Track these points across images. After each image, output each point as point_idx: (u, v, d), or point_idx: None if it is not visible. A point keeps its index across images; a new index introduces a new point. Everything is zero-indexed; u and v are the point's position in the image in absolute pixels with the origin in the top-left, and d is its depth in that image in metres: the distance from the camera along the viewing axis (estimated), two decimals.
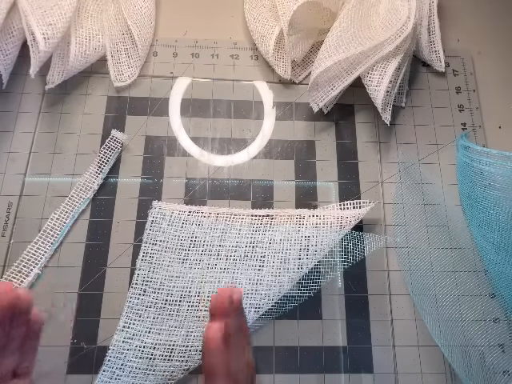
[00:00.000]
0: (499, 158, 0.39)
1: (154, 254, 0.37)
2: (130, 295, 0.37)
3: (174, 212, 0.39)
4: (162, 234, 0.38)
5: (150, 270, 0.37)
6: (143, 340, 0.35)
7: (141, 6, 0.46)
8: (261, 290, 0.37)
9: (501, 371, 0.37)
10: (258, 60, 0.48)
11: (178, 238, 0.38)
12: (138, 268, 0.37)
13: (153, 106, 0.45)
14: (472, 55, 0.50)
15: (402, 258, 0.41)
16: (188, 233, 0.38)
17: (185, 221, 0.38)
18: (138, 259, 0.37)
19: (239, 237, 0.38)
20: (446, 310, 0.39)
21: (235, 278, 0.37)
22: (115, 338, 0.35)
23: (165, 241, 0.38)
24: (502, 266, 0.39)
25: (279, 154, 0.44)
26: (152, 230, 0.38)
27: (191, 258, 0.37)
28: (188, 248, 0.38)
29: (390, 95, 0.43)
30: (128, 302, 0.36)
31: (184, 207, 0.39)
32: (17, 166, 0.42)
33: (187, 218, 0.39)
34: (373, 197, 0.43)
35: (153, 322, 0.36)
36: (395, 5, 0.43)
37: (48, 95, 0.45)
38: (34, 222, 0.40)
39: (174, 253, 0.37)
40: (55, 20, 0.40)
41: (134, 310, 0.36)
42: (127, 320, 0.36)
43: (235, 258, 0.38)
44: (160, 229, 0.38)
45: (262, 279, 0.37)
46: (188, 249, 0.38)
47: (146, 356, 0.35)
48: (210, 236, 0.38)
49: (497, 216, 0.39)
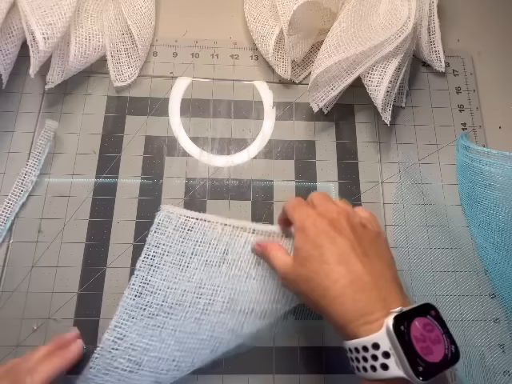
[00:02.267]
0: (499, 158, 0.39)
1: (155, 257, 0.37)
2: (126, 295, 0.36)
3: (181, 217, 0.38)
4: (166, 237, 0.37)
5: (148, 272, 0.36)
6: (133, 343, 0.34)
7: (141, 6, 0.46)
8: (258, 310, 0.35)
9: (501, 371, 0.37)
10: (258, 60, 0.48)
11: (181, 245, 0.37)
12: (137, 269, 0.37)
13: (153, 106, 0.45)
14: (472, 55, 0.50)
15: (402, 258, 0.41)
16: (192, 240, 0.37)
17: (190, 227, 0.37)
18: (139, 260, 0.37)
19: (243, 253, 0.37)
20: (445, 310, 0.39)
21: (233, 294, 0.35)
22: (105, 337, 0.34)
23: (168, 245, 0.37)
24: (502, 265, 0.39)
25: (279, 154, 0.44)
26: (157, 232, 0.37)
27: (191, 266, 0.37)
28: (189, 256, 0.37)
29: (390, 95, 0.43)
30: (123, 302, 0.36)
31: (192, 213, 0.38)
32: (17, 165, 0.42)
33: (193, 225, 0.38)
34: (373, 197, 0.43)
35: (145, 327, 0.35)
36: (395, 5, 0.43)
37: (48, 95, 0.45)
38: (34, 222, 0.40)
39: (175, 258, 0.37)
40: (55, 20, 0.40)
41: (127, 310, 0.35)
42: (119, 320, 0.35)
43: (236, 274, 0.36)
44: (165, 232, 0.37)
45: (261, 301, 0.35)
46: (189, 257, 0.37)
47: (133, 359, 0.34)
48: (214, 247, 0.37)
49: (497, 216, 0.39)
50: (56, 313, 0.38)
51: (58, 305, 0.38)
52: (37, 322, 0.37)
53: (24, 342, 0.37)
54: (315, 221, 0.30)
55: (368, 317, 0.25)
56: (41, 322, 0.37)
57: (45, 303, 0.38)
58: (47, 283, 0.38)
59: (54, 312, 0.38)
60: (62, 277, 0.39)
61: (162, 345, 0.34)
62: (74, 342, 0.32)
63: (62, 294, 0.38)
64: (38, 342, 0.36)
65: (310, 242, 0.29)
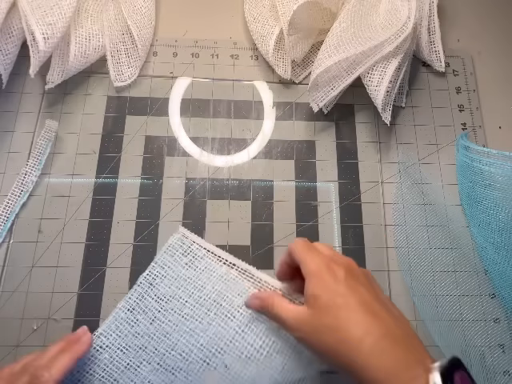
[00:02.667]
0: (499, 158, 0.39)
1: (157, 277, 0.37)
2: (120, 306, 0.36)
3: (194, 244, 0.38)
4: (173, 261, 0.37)
5: (146, 290, 0.36)
6: (113, 357, 0.34)
7: (141, 6, 0.46)
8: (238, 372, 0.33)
9: (501, 371, 0.37)
10: (258, 60, 0.48)
11: (184, 272, 0.36)
12: (137, 283, 0.37)
13: (153, 106, 0.45)
14: (472, 55, 0.50)
15: (402, 258, 0.41)
16: (196, 271, 0.36)
17: (199, 258, 0.37)
18: (142, 275, 0.37)
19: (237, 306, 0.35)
20: (446, 310, 0.39)
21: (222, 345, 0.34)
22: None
23: (172, 269, 0.37)
24: (502, 265, 0.39)
25: (279, 154, 0.44)
26: (166, 253, 0.37)
27: (187, 299, 0.36)
28: (187, 287, 0.36)
29: (390, 95, 0.43)
30: (114, 313, 0.36)
31: (205, 243, 0.38)
32: (17, 165, 0.42)
33: (202, 256, 0.37)
34: (373, 197, 0.43)
35: (128, 344, 0.34)
36: (395, 5, 0.43)
37: (48, 95, 0.45)
38: (34, 222, 0.40)
39: (174, 284, 0.36)
40: (55, 20, 0.40)
41: (117, 322, 0.35)
42: (106, 329, 0.35)
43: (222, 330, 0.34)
44: (174, 255, 0.37)
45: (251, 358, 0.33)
46: (187, 287, 0.36)
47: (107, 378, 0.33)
48: (216, 288, 0.36)
49: (497, 216, 0.39)
50: (56, 313, 0.38)
51: (58, 305, 0.38)
52: (37, 322, 0.37)
53: (24, 342, 0.37)
54: (331, 266, 0.28)
55: (410, 372, 0.24)
56: (41, 322, 0.37)
57: (45, 303, 0.38)
58: (47, 283, 0.38)
59: (54, 312, 0.38)
60: (62, 277, 0.39)
61: (137, 370, 0.34)
62: (84, 335, 0.32)
63: (61, 293, 0.38)
64: (38, 342, 0.37)
65: (331, 289, 0.27)
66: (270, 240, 0.41)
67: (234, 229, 0.41)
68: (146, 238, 0.40)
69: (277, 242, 0.41)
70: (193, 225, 0.41)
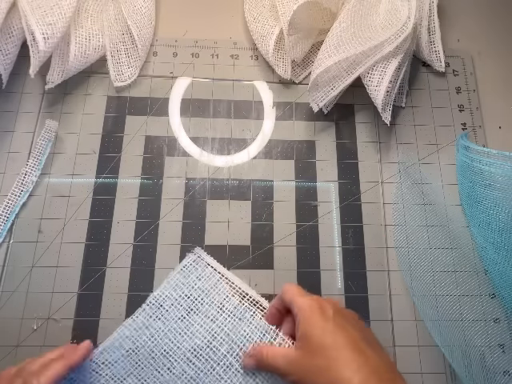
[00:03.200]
0: (499, 158, 0.39)
1: (168, 299, 0.36)
2: (126, 325, 0.35)
3: (208, 268, 0.37)
4: (186, 283, 0.36)
5: (155, 312, 0.35)
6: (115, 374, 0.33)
7: (141, 6, 0.46)
8: None
9: (501, 371, 0.37)
10: (258, 60, 0.48)
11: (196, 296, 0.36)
12: (146, 303, 0.36)
13: (153, 106, 0.45)
14: (472, 55, 0.50)
15: (402, 258, 0.41)
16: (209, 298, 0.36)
17: (214, 285, 0.36)
18: (152, 294, 0.36)
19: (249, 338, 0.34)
20: (446, 310, 0.39)
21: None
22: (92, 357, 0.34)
23: (184, 293, 0.36)
24: (502, 266, 0.39)
25: (279, 153, 0.44)
26: (180, 274, 0.37)
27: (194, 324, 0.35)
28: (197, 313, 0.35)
29: (390, 95, 0.43)
30: (120, 330, 0.35)
31: (219, 267, 0.38)
32: (17, 165, 0.42)
33: (216, 282, 0.37)
34: (373, 197, 0.43)
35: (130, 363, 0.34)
36: (395, 5, 0.43)
37: (48, 95, 0.45)
38: (34, 222, 0.40)
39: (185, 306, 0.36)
40: (55, 20, 0.40)
41: (121, 339, 0.34)
42: (110, 346, 0.34)
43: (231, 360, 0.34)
44: (188, 276, 0.37)
45: None
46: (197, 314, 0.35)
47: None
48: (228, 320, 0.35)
49: (497, 216, 0.39)
50: (56, 313, 0.38)
51: (58, 305, 0.38)
52: (37, 322, 0.37)
53: (24, 342, 0.37)
54: (322, 305, 0.30)
55: None
56: (41, 322, 0.37)
57: (45, 303, 0.38)
58: (47, 283, 0.38)
59: (54, 312, 0.38)
60: (62, 277, 0.39)
61: None
62: (82, 345, 0.32)
63: (61, 293, 0.38)
64: (38, 342, 0.37)
65: (321, 327, 0.28)
66: (269, 240, 0.41)
67: (234, 229, 0.41)
68: (146, 238, 0.40)
69: (277, 242, 0.41)
70: (193, 225, 0.41)
